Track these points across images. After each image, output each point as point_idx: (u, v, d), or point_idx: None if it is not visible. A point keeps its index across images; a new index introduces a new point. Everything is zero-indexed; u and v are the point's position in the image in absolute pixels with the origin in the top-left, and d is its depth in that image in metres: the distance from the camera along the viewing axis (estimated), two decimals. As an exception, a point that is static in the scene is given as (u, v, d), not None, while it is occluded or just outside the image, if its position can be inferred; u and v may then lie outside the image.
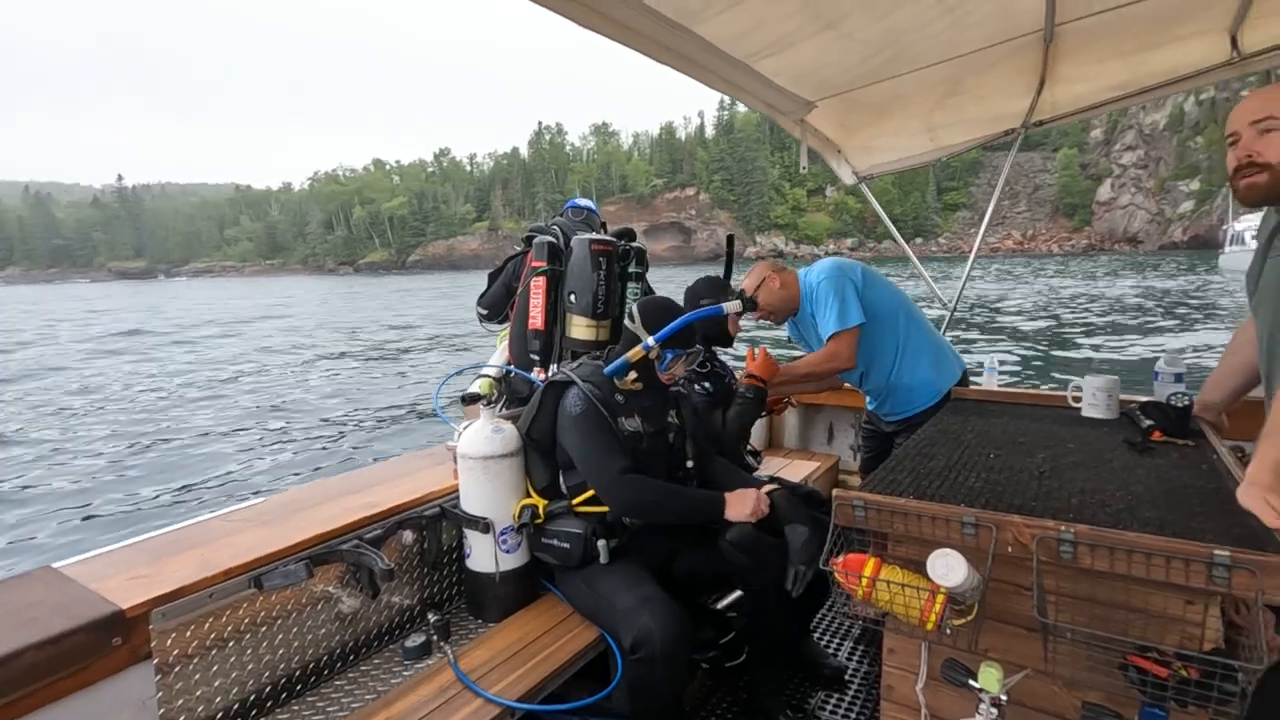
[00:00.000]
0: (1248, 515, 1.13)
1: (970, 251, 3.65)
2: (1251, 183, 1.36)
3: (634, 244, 2.50)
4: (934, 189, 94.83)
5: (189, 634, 1.37)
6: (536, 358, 2.34)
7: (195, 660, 1.38)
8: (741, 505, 1.84)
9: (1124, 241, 72.47)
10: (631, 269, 2.47)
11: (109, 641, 1.24)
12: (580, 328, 2.30)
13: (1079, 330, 16.60)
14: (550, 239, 2.38)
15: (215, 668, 1.42)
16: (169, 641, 1.33)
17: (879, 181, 3.69)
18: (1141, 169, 74.41)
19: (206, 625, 1.40)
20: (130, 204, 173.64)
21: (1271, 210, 1.42)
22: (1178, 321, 16.55)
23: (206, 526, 1.65)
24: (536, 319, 2.33)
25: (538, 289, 2.34)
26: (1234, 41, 2.30)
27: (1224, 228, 36.12)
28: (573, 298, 2.29)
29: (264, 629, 1.51)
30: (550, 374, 2.23)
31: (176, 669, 1.35)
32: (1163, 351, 2.07)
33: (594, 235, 2.35)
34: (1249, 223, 28.15)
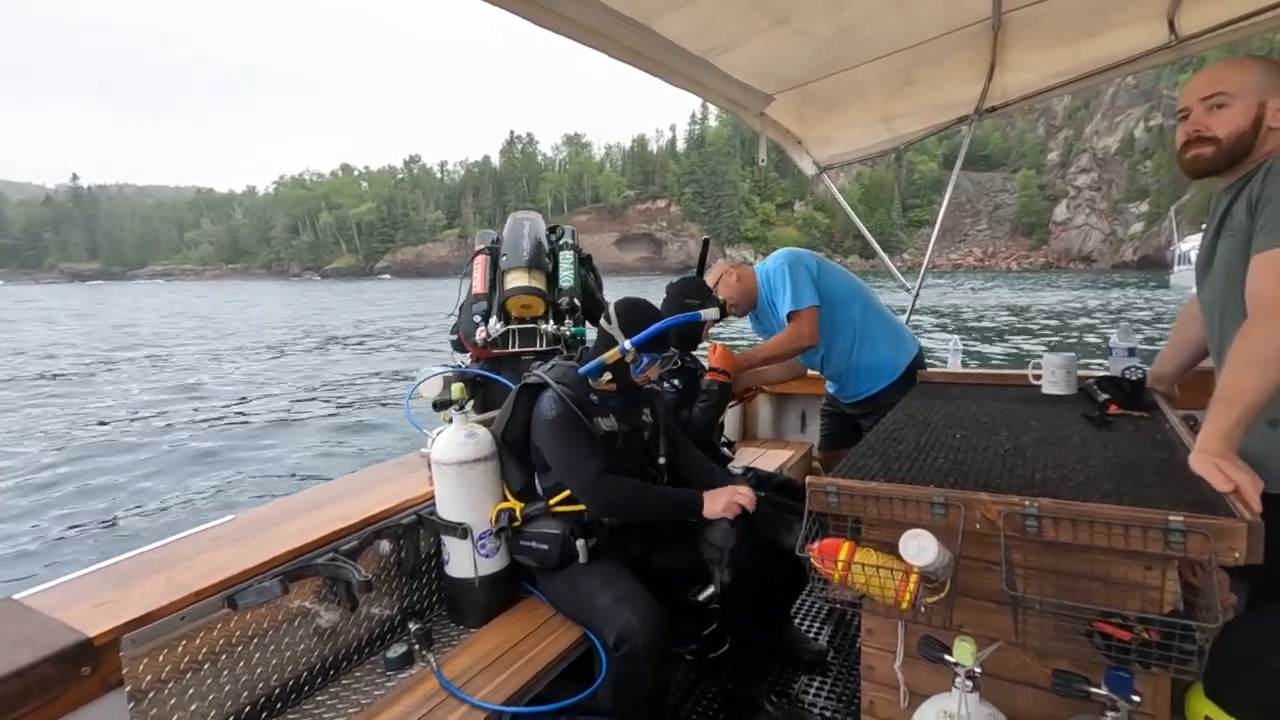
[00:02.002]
0: (1200, 481, 1.18)
1: (936, 263, 3.74)
2: (1197, 154, 1.43)
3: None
4: (899, 206, 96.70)
5: (162, 658, 1.33)
6: (479, 319, 2.58)
7: (170, 685, 1.35)
8: (719, 500, 1.87)
9: (1079, 260, 75.07)
10: (564, 240, 2.75)
11: (78, 671, 1.20)
12: (516, 278, 2.57)
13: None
14: (491, 231, 2.77)
15: (191, 691, 1.39)
16: (141, 667, 1.30)
17: (846, 197, 3.81)
18: (1095, 191, 77.35)
19: (180, 648, 1.37)
20: (85, 204, 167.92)
21: (1222, 191, 1.48)
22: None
23: (174, 548, 1.61)
24: (478, 285, 2.62)
25: (479, 264, 2.67)
26: (1171, 25, 2.37)
27: (1171, 248, 37.55)
28: (505, 258, 2.60)
29: (240, 649, 1.48)
30: (490, 328, 2.52)
31: (150, 695, 1.32)
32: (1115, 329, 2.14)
33: (523, 211, 2.74)
34: (1193, 243, 29.56)
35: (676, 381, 2.38)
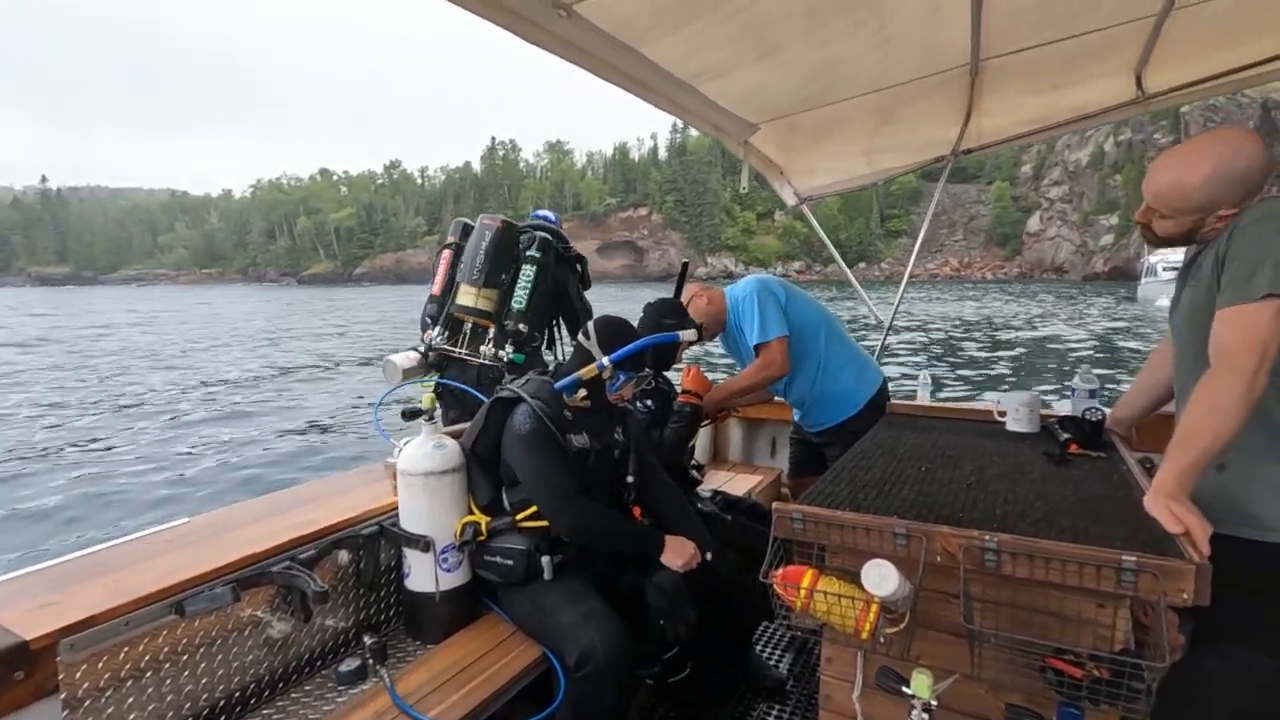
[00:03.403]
0: (1154, 522, 1.21)
1: (914, 273, 3.81)
2: (1143, 233, 1.58)
3: (540, 233, 2.68)
4: (878, 216, 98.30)
5: (101, 665, 1.28)
6: (430, 320, 2.54)
7: (108, 693, 1.30)
8: (678, 554, 1.87)
9: (1051, 270, 76.77)
10: (530, 253, 2.61)
11: (10, 675, 1.15)
12: (464, 295, 2.51)
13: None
14: (465, 220, 2.66)
15: (131, 700, 1.34)
16: (78, 674, 1.25)
17: (825, 207, 3.87)
18: (1067, 203, 79.09)
19: (121, 655, 1.32)
20: (54, 206, 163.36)
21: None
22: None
23: (122, 550, 1.56)
24: (435, 286, 2.57)
25: (443, 261, 2.59)
26: (1139, 82, 2.48)
27: (1139, 261, 38.98)
28: (461, 267, 2.53)
29: (185, 658, 1.44)
30: (433, 336, 2.49)
31: (87, 703, 1.27)
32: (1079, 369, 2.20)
33: (491, 215, 2.64)
34: (1160, 256, 30.90)
35: (649, 402, 2.39)
